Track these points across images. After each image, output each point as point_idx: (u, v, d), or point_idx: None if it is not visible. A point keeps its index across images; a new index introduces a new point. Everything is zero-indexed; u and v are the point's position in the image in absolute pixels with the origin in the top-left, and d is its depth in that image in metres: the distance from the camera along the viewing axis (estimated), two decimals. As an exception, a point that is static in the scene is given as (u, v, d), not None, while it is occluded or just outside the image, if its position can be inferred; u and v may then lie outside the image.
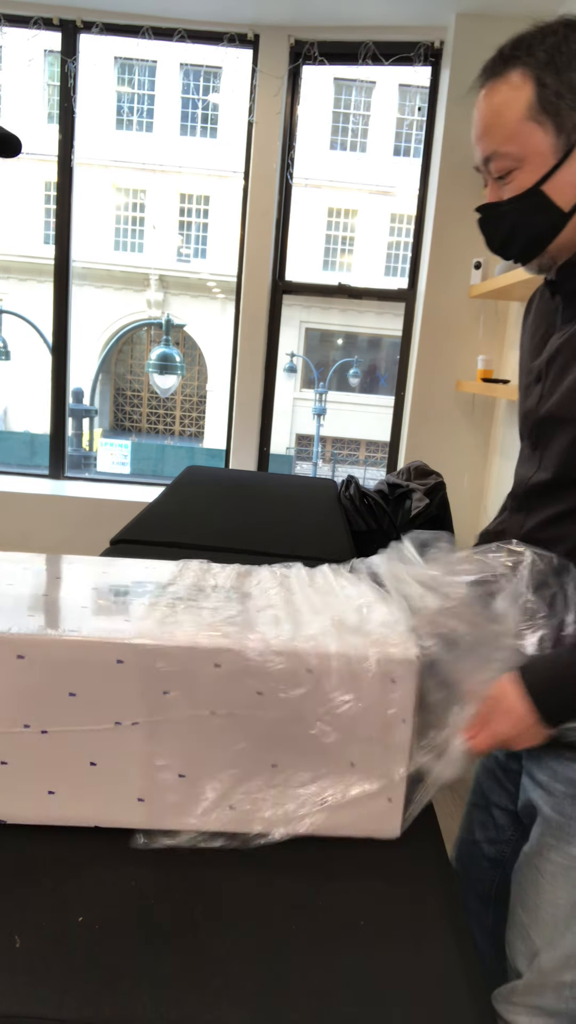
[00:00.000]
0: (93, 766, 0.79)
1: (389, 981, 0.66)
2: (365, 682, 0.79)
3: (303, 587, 1.02)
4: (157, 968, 0.65)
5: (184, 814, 0.81)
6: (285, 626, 0.84)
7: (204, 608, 0.89)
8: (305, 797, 0.81)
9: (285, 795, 0.81)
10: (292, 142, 3.45)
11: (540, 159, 0.87)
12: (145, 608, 0.88)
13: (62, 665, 0.77)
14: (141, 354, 17.85)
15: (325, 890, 0.76)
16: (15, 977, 0.63)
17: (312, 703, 0.79)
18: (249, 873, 0.78)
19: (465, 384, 3.18)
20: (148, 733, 0.78)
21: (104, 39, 3.38)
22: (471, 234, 3.17)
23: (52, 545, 3.52)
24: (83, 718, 0.78)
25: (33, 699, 0.77)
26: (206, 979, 0.64)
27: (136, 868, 0.77)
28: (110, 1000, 0.61)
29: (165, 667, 0.77)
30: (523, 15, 0.92)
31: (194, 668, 0.78)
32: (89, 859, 0.77)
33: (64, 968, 0.64)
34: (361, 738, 0.80)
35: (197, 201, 17.17)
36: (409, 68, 3.27)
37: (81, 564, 1.06)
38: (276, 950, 0.68)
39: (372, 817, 0.82)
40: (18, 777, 0.78)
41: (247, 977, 0.65)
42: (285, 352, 15.66)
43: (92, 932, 0.68)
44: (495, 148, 0.88)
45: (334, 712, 0.79)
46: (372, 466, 16.85)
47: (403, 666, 0.79)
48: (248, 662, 0.78)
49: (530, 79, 0.85)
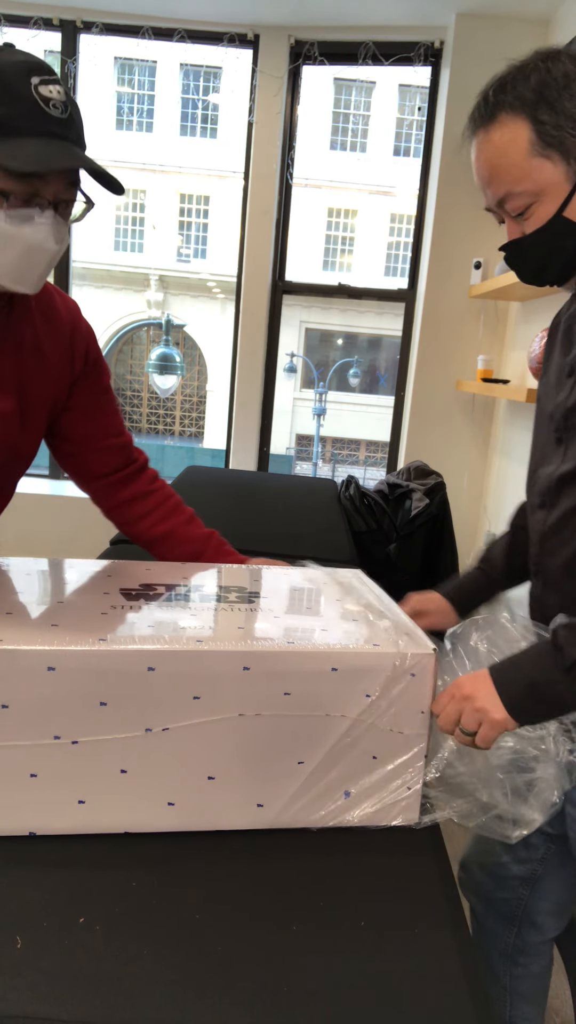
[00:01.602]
0: (124, 773, 0.79)
1: (389, 981, 0.66)
2: (387, 677, 0.83)
3: (318, 589, 1.05)
4: (157, 968, 0.65)
5: (215, 815, 0.82)
6: (309, 627, 0.88)
7: (226, 611, 0.91)
8: (330, 791, 0.84)
9: (311, 790, 0.84)
10: (292, 142, 3.45)
11: (556, 189, 0.89)
12: (167, 613, 0.89)
13: (93, 675, 0.77)
14: (141, 354, 17.85)
15: (325, 891, 0.76)
16: (15, 977, 0.63)
17: (337, 700, 0.82)
18: (249, 874, 0.78)
19: (465, 384, 3.17)
20: (178, 738, 0.79)
21: (104, 39, 3.38)
22: (471, 234, 3.17)
23: (52, 545, 3.52)
24: (114, 726, 0.78)
25: (63, 710, 0.77)
26: (206, 979, 0.64)
27: (136, 868, 0.77)
28: (110, 1000, 0.61)
29: (195, 672, 0.78)
30: (523, 15, 0.93)
31: (223, 672, 0.79)
32: (89, 859, 0.78)
33: (64, 968, 0.64)
34: (383, 731, 0.84)
35: (197, 201, 17.18)
36: (409, 68, 3.27)
37: (90, 568, 1.06)
38: (276, 950, 0.68)
39: (393, 805, 0.86)
40: (48, 788, 0.78)
41: (247, 977, 0.65)
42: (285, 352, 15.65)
43: (92, 932, 0.68)
44: (508, 189, 0.90)
45: (358, 708, 0.83)
46: (372, 466, 16.86)
47: (422, 660, 0.84)
48: (276, 664, 0.80)
49: (524, 119, 0.87)
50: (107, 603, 0.91)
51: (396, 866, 0.81)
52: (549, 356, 1.09)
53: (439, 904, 0.76)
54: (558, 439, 0.99)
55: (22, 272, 0.92)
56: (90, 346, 1.17)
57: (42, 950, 0.65)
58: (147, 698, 0.78)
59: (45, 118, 0.86)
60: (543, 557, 1.01)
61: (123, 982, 0.63)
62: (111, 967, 0.64)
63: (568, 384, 0.98)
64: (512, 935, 1.17)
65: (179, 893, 0.74)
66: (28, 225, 0.89)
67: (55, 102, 0.86)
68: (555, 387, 1.02)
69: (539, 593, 1.04)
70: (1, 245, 0.89)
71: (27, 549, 1.14)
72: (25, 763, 0.77)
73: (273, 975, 0.66)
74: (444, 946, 0.71)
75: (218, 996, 0.63)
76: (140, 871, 0.77)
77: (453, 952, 0.70)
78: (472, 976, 0.68)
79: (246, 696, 0.80)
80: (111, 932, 0.68)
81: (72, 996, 0.61)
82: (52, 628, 0.80)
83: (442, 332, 3.28)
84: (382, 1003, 0.64)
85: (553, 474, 0.99)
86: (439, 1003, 0.64)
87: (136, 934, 0.68)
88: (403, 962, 0.68)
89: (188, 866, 0.78)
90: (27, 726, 0.76)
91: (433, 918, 0.74)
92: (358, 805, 0.85)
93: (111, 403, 1.22)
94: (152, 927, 0.69)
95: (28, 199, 0.88)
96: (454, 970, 0.68)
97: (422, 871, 0.81)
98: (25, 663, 0.75)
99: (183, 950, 0.67)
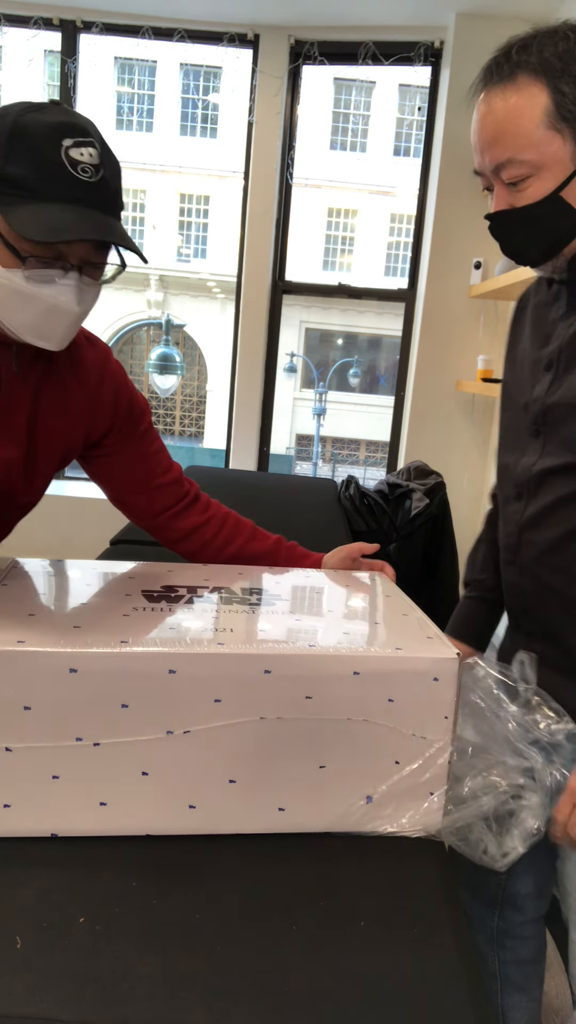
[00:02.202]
0: (145, 776, 0.79)
1: (389, 981, 0.66)
2: (410, 682, 0.82)
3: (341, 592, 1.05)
4: (157, 968, 0.65)
5: (238, 820, 0.83)
6: (331, 630, 0.87)
7: (248, 614, 0.90)
8: (352, 796, 0.84)
9: (332, 795, 0.83)
10: (292, 142, 3.45)
11: (559, 167, 0.85)
12: (189, 615, 0.88)
13: (115, 677, 0.77)
14: (141, 354, 17.85)
15: (326, 891, 0.76)
16: (15, 977, 0.63)
17: (359, 704, 0.81)
18: (249, 874, 0.78)
19: (465, 384, 3.18)
20: (199, 741, 0.79)
21: (104, 39, 3.38)
22: (471, 234, 3.17)
23: (52, 545, 3.52)
24: (135, 729, 0.78)
25: (85, 712, 0.77)
26: (206, 979, 0.64)
27: (136, 869, 0.77)
28: (110, 1000, 0.61)
29: (216, 675, 0.78)
30: (523, 15, 0.92)
31: (245, 674, 0.79)
32: (89, 859, 0.78)
33: (64, 968, 0.64)
34: (405, 736, 0.83)
35: (197, 201, 17.18)
36: (409, 68, 3.27)
37: (111, 569, 1.06)
38: (276, 950, 0.68)
39: (415, 812, 0.85)
40: (70, 790, 0.78)
41: (247, 977, 0.65)
42: (285, 352, 15.65)
43: (92, 932, 0.68)
44: (511, 155, 0.86)
45: (380, 712, 0.82)
46: (372, 466, 16.86)
47: (445, 665, 0.83)
48: (298, 667, 0.80)
49: (545, 86, 0.83)
50: (129, 605, 0.90)
51: (395, 866, 0.81)
52: (516, 339, 1.08)
53: (438, 904, 0.76)
54: (535, 431, 0.99)
55: (43, 330, 0.90)
56: (119, 392, 1.13)
57: (42, 950, 0.66)
58: (168, 700, 0.78)
59: (72, 183, 0.83)
60: (521, 547, 1.01)
61: (123, 982, 0.63)
62: (111, 967, 0.64)
63: (545, 378, 0.97)
64: (496, 918, 1.17)
65: (179, 893, 0.74)
66: (49, 286, 0.87)
67: (85, 165, 0.84)
68: (529, 378, 1.01)
69: (516, 580, 1.04)
70: (22, 304, 0.88)
71: (27, 549, 1.13)
72: (47, 765, 0.77)
73: (273, 975, 0.66)
74: (443, 946, 0.71)
75: (218, 996, 0.63)
76: (140, 871, 0.77)
77: (453, 952, 0.70)
78: (472, 976, 0.68)
79: (267, 699, 0.80)
80: (111, 932, 0.68)
81: (72, 996, 0.61)
82: (74, 630, 0.80)
83: (442, 332, 3.28)
84: (382, 1003, 0.64)
85: (532, 467, 0.99)
86: (438, 1003, 0.64)
87: (136, 934, 0.68)
88: (403, 962, 0.68)
89: (188, 866, 0.78)
90: (49, 728, 0.76)
91: (432, 918, 0.74)
92: (380, 810, 0.84)
93: (154, 442, 1.19)
94: (152, 927, 0.69)
95: (50, 261, 0.86)
96: (454, 970, 0.68)
97: (421, 871, 0.81)
98: (47, 665, 0.75)
99: (183, 950, 0.67)
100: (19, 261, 0.85)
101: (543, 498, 0.97)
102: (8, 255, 0.85)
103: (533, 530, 0.99)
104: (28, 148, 0.82)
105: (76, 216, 0.84)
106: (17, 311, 0.89)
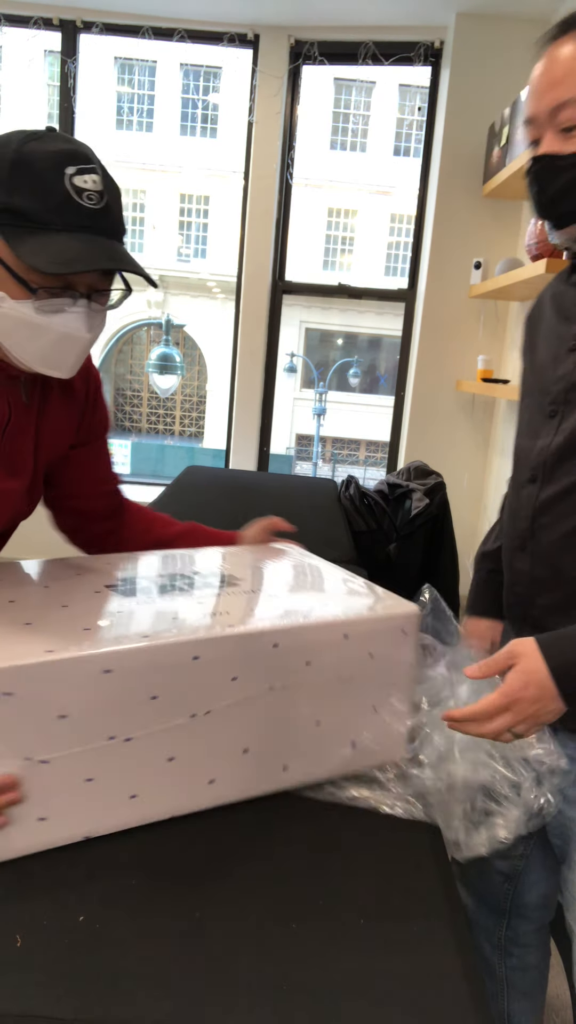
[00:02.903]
0: (171, 761, 0.82)
1: (389, 982, 0.66)
2: (386, 637, 0.93)
3: (305, 570, 1.11)
4: (157, 967, 0.65)
5: (249, 785, 0.88)
6: (320, 602, 0.96)
7: (246, 593, 0.96)
8: (341, 745, 0.92)
9: (326, 747, 0.92)
10: (292, 142, 3.45)
11: None
12: (177, 603, 0.91)
13: (146, 671, 0.78)
14: (141, 354, 17.86)
15: (325, 890, 0.77)
16: (15, 977, 0.63)
17: (347, 663, 0.91)
18: (249, 872, 0.78)
19: (465, 384, 3.18)
20: (219, 718, 0.84)
21: (104, 39, 3.38)
22: (471, 234, 3.17)
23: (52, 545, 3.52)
24: (163, 718, 0.80)
25: (118, 710, 0.77)
26: (206, 979, 0.64)
27: (136, 867, 0.77)
28: (110, 1000, 0.62)
29: (234, 655, 0.83)
30: (523, 15, 0.93)
31: (258, 650, 0.85)
32: (89, 858, 0.78)
33: (64, 968, 0.64)
34: (381, 684, 0.94)
35: (197, 201, 17.18)
36: (409, 68, 3.27)
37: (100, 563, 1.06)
38: (276, 948, 0.68)
39: (386, 746, 0.95)
40: (103, 790, 0.79)
41: (247, 975, 0.65)
42: (285, 352, 15.65)
43: (92, 932, 0.68)
44: (572, 95, 0.87)
45: (363, 667, 0.92)
46: (372, 466, 16.86)
47: (410, 619, 0.95)
48: (300, 637, 0.87)
49: None
50: (111, 601, 0.91)
51: (395, 863, 0.82)
52: (534, 335, 1.08)
53: (438, 901, 0.76)
54: (552, 412, 0.98)
55: (55, 360, 0.91)
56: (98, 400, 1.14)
57: (42, 949, 0.66)
58: (192, 685, 0.81)
59: (77, 212, 0.83)
60: (535, 532, 0.99)
61: (123, 981, 0.63)
62: (111, 966, 0.65)
63: (571, 359, 0.96)
64: (503, 927, 1.17)
65: (178, 891, 0.74)
66: (60, 315, 0.87)
67: (90, 192, 0.84)
68: (551, 362, 1.00)
69: (526, 568, 1.01)
70: (32, 335, 0.88)
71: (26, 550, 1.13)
72: (81, 769, 0.77)
73: (273, 973, 0.66)
74: (443, 943, 0.71)
75: (218, 995, 0.63)
76: (139, 870, 0.77)
77: (452, 949, 0.70)
78: (471, 973, 0.68)
79: (275, 670, 0.86)
80: (111, 931, 0.68)
81: (72, 995, 0.61)
82: (84, 631, 0.80)
83: (442, 332, 3.28)
84: (382, 1000, 0.64)
85: (547, 447, 0.97)
86: (439, 1000, 0.64)
87: (136, 933, 0.68)
88: (403, 959, 0.68)
89: (187, 864, 0.78)
90: (84, 732, 0.76)
91: (432, 915, 0.74)
92: (359, 750, 0.93)
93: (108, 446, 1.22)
94: (152, 926, 0.69)
95: (59, 291, 0.86)
96: (453, 967, 0.68)
97: (421, 868, 0.81)
98: (81, 670, 0.75)
99: (183, 948, 0.67)
100: (29, 292, 0.85)
101: (559, 482, 0.96)
102: (17, 287, 0.85)
103: (549, 513, 0.97)
104: (32, 179, 0.82)
105: (85, 245, 0.84)
106: (29, 342, 0.89)
